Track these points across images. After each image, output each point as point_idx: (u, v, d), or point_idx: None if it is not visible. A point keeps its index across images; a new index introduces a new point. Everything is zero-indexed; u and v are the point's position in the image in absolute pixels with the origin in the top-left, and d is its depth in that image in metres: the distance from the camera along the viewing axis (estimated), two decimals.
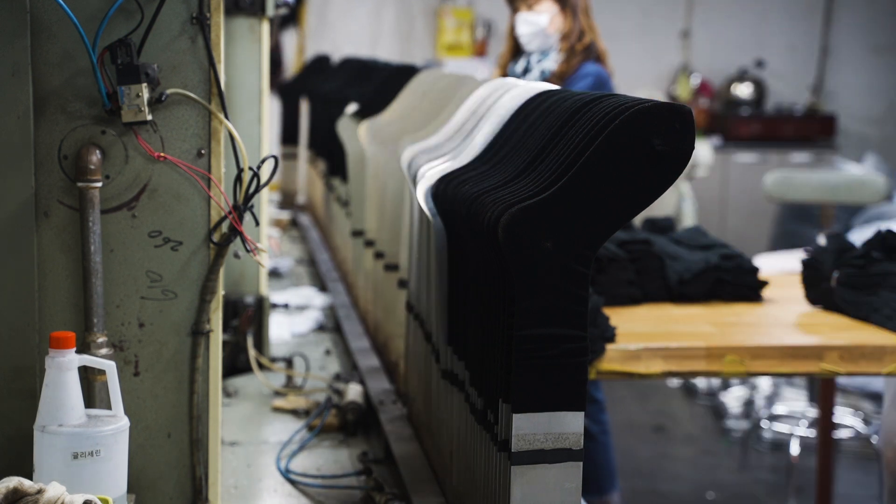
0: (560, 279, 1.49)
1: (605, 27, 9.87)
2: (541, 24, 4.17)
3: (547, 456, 1.52)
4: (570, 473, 1.53)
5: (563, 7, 4.17)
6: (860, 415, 5.74)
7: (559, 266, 1.48)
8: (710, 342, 2.61)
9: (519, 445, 1.51)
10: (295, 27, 8.79)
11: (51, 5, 1.72)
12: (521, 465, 1.51)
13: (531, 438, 1.51)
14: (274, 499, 2.16)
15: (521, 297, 1.49)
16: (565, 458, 1.52)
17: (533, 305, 1.49)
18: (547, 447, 1.52)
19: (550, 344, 1.50)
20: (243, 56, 2.92)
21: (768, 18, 10.18)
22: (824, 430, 3.91)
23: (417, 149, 2.22)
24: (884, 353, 2.60)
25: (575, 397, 1.52)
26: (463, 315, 1.83)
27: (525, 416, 1.50)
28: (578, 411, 1.52)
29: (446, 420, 1.98)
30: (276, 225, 5.24)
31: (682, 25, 10.03)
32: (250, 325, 2.93)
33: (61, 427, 1.64)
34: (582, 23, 4.16)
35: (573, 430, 1.52)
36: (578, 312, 1.51)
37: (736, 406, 6.33)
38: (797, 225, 7.91)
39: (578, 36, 4.17)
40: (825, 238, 3.12)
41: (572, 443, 1.52)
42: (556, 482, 1.52)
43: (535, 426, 1.51)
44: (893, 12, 10.20)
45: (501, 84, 2.09)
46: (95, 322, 1.78)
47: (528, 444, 1.51)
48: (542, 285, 1.49)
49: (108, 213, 1.80)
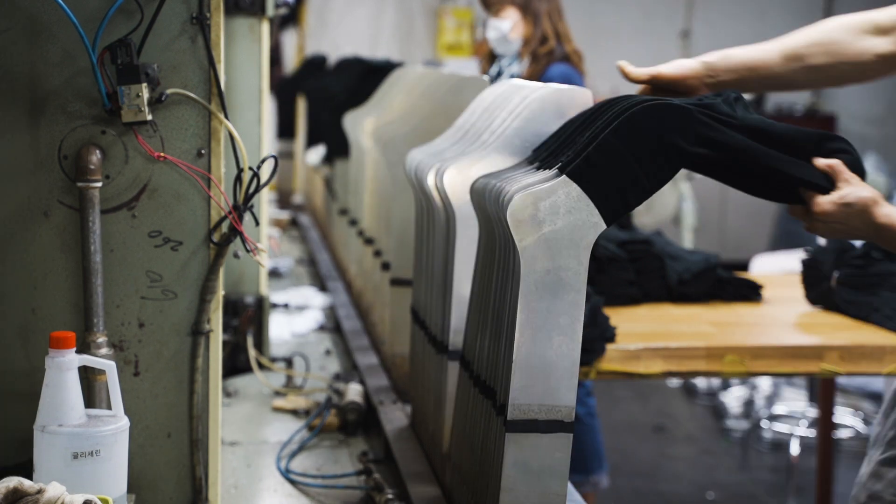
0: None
1: (605, 27, 9.92)
2: (503, 30, 4.37)
3: (540, 426, 1.62)
4: (560, 443, 1.63)
5: (525, 14, 4.35)
6: (860, 415, 5.74)
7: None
8: (710, 342, 2.61)
9: (514, 414, 1.61)
10: (295, 27, 8.79)
11: (51, 5, 1.72)
12: (516, 432, 1.62)
13: (526, 409, 1.62)
14: (274, 499, 2.16)
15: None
16: (557, 430, 1.63)
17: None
18: (541, 417, 1.62)
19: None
20: (243, 56, 2.92)
21: (768, 18, 10.19)
22: (824, 430, 3.91)
23: (427, 151, 2.23)
24: (884, 353, 2.60)
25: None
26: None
27: (522, 387, 1.61)
28: (572, 385, 1.62)
29: (436, 386, 2.07)
30: (276, 225, 5.24)
31: (682, 25, 10.03)
32: (250, 325, 2.93)
33: (61, 427, 1.64)
34: (545, 28, 4.31)
35: (566, 403, 1.62)
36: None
37: (736, 406, 6.33)
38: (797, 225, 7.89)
39: (540, 41, 4.33)
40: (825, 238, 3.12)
41: (564, 415, 1.63)
42: (548, 451, 1.63)
43: (530, 397, 1.61)
44: None
45: (511, 86, 2.11)
46: (95, 322, 1.77)
47: (523, 413, 1.62)
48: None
49: (108, 213, 1.80)
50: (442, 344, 2.06)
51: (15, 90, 1.76)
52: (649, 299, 3.02)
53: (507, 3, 4.35)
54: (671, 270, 3.04)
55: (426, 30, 9.77)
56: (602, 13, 9.88)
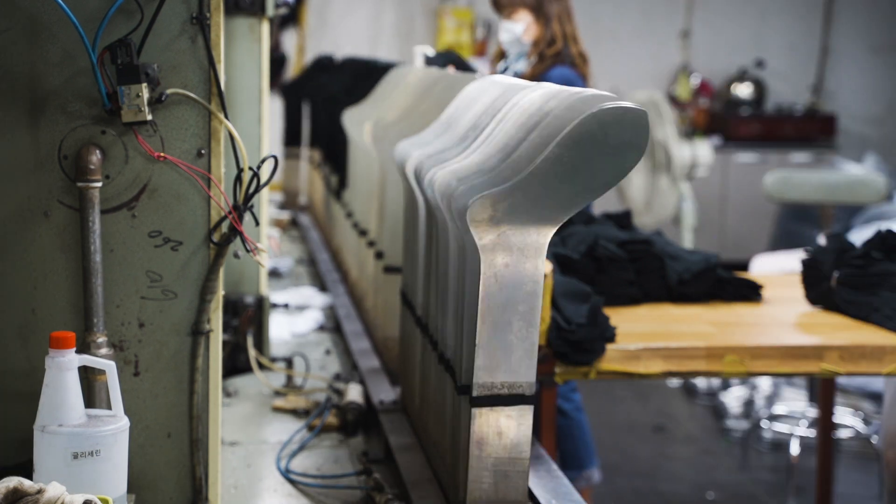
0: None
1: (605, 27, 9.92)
2: (516, 33, 4.44)
3: (504, 400, 1.79)
4: (522, 415, 1.80)
5: (538, 17, 4.42)
6: (860, 415, 5.74)
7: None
8: (710, 342, 2.61)
9: (479, 391, 1.78)
10: (295, 27, 8.78)
11: (51, 5, 1.72)
12: (481, 407, 1.78)
13: (490, 386, 1.78)
14: (274, 499, 2.16)
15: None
16: (519, 402, 1.79)
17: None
18: (504, 393, 1.78)
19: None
20: (243, 56, 2.92)
21: (768, 18, 10.19)
22: (824, 430, 3.91)
23: (417, 145, 2.32)
24: (884, 353, 2.60)
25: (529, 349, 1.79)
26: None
27: (485, 367, 1.77)
28: (531, 364, 1.78)
29: (422, 369, 2.24)
30: (276, 225, 5.24)
31: (682, 25, 10.03)
32: (250, 325, 2.94)
33: (61, 427, 1.64)
34: (555, 30, 4.40)
35: (526, 379, 1.78)
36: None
37: (736, 406, 6.33)
38: (797, 225, 7.91)
39: (548, 43, 4.41)
40: (825, 238, 3.12)
41: (525, 389, 1.79)
42: (512, 422, 1.80)
43: (493, 376, 1.78)
44: (893, 12, 10.21)
45: (490, 82, 2.24)
46: (95, 322, 1.78)
47: (487, 390, 1.78)
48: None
49: (108, 213, 1.80)
50: (427, 327, 2.18)
51: (15, 90, 1.76)
52: (649, 299, 3.02)
53: (519, 5, 4.39)
54: (671, 270, 3.04)
55: (426, 30, 9.77)
56: (602, 13, 9.88)
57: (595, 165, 1.68)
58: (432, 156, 2.12)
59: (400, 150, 2.36)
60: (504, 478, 1.81)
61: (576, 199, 1.71)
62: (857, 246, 2.96)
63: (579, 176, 1.69)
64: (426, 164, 2.08)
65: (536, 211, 1.71)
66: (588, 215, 3.38)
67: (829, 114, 9.96)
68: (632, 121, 1.67)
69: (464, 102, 2.28)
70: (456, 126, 2.21)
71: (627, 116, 1.66)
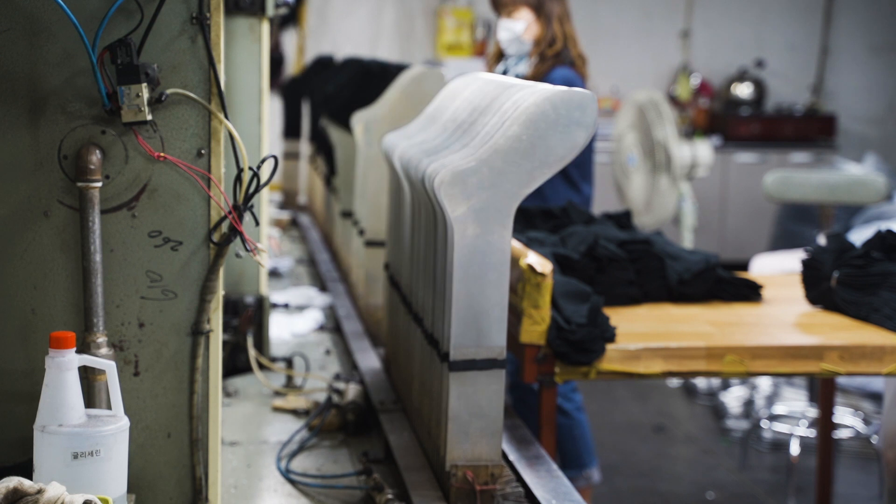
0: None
1: (605, 27, 9.92)
2: (517, 31, 4.43)
3: (477, 364, 1.96)
4: (494, 377, 1.97)
5: (539, 16, 4.41)
6: (860, 415, 5.74)
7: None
8: (710, 342, 2.61)
9: (455, 356, 1.95)
10: (295, 27, 8.79)
11: (51, 5, 1.72)
12: (457, 371, 1.95)
13: (465, 350, 1.95)
14: (274, 499, 2.16)
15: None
16: (491, 367, 1.96)
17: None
18: (478, 357, 1.96)
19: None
20: (243, 56, 2.92)
21: (768, 18, 10.19)
22: (824, 430, 3.91)
23: (404, 137, 2.52)
24: (884, 353, 2.60)
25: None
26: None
27: (461, 333, 1.95)
28: (502, 329, 1.96)
29: (405, 337, 2.42)
30: (276, 225, 5.24)
31: (682, 25, 10.03)
32: (250, 325, 2.94)
33: (61, 427, 1.64)
34: (555, 30, 4.39)
35: (498, 343, 1.96)
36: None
37: (736, 406, 6.33)
38: (797, 225, 7.91)
39: (549, 43, 4.40)
40: (825, 238, 3.12)
41: (497, 354, 1.96)
42: (484, 385, 1.97)
43: (468, 340, 1.95)
44: (893, 12, 10.21)
45: (473, 77, 2.45)
46: (95, 322, 1.77)
47: (462, 354, 1.95)
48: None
49: (108, 213, 1.80)
50: (412, 305, 2.36)
51: (15, 90, 1.76)
52: (649, 299, 3.02)
53: (520, 4, 4.38)
54: (671, 270, 3.04)
55: (426, 30, 9.77)
56: (602, 13, 9.88)
57: (549, 142, 1.92)
58: (416, 145, 2.33)
59: (387, 142, 2.59)
60: (479, 437, 1.97)
61: (534, 174, 1.93)
62: (857, 246, 2.96)
63: (537, 152, 1.92)
64: (410, 152, 2.28)
65: (501, 185, 1.92)
66: (588, 215, 3.38)
67: (829, 114, 9.96)
68: (579, 102, 1.92)
69: (447, 97, 2.45)
70: (440, 119, 2.41)
71: (576, 98, 1.92)
